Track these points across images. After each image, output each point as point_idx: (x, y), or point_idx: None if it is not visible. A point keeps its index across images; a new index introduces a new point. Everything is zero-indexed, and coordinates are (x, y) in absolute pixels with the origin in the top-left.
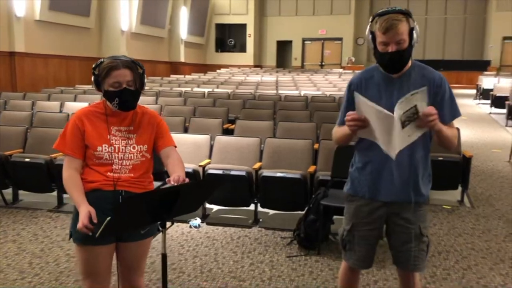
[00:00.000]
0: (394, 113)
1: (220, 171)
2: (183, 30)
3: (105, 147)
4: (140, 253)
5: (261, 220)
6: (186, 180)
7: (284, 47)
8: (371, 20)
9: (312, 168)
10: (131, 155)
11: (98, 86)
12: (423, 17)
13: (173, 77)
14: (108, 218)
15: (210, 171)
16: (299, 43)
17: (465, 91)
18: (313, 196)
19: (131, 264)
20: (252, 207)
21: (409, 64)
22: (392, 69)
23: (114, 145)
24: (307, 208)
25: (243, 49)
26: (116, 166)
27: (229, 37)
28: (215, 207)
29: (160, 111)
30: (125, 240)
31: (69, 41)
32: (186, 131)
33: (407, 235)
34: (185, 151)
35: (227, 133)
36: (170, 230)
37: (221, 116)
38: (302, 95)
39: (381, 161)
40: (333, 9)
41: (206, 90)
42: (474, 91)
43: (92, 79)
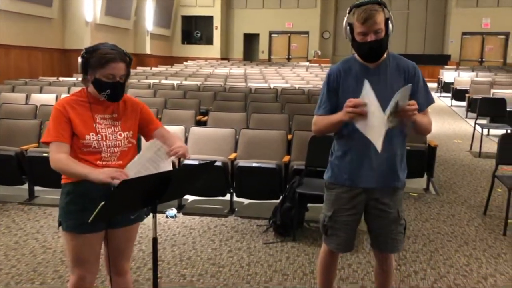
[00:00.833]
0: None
1: (196, 162)
2: (149, 21)
3: (92, 135)
4: (129, 238)
5: (236, 209)
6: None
7: (251, 40)
8: (348, 12)
9: (286, 158)
10: (119, 142)
11: (86, 71)
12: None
13: (140, 69)
14: (102, 203)
15: (186, 161)
16: (266, 36)
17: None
18: (288, 185)
19: (121, 249)
20: (228, 197)
21: (384, 55)
22: (371, 58)
23: (101, 133)
24: (282, 196)
25: (209, 41)
26: (105, 154)
27: (195, 29)
28: (191, 198)
29: None
30: (115, 226)
31: (31, 31)
32: None
33: (387, 219)
34: None
35: (200, 124)
36: (146, 221)
37: (193, 108)
38: (272, 87)
39: (360, 149)
40: (300, 2)
41: (175, 82)
42: (435, 84)
43: (81, 62)
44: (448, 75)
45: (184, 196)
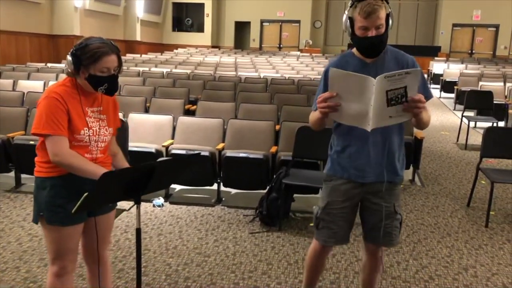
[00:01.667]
0: (376, 81)
1: (183, 151)
2: (139, 8)
3: (85, 130)
4: (109, 225)
5: (223, 199)
6: None
7: (242, 28)
8: (350, 5)
9: (274, 149)
10: (105, 137)
11: (78, 69)
12: None
13: (129, 56)
14: (85, 194)
15: (174, 151)
16: (257, 24)
17: None
18: (275, 175)
19: (101, 237)
20: (215, 186)
21: None
22: (372, 53)
23: (92, 128)
24: (269, 187)
25: (200, 29)
26: (92, 147)
27: (186, 17)
28: (178, 187)
29: (119, 90)
30: (96, 215)
31: (18, 16)
32: (147, 111)
33: (382, 214)
34: (147, 131)
35: (189, 114)
36: (133, 210)
37: (182, 96)
38: (262, 77)
39: (359, 145)
40: None
41: (165, 70)
42: (425, 76)
43: (71, 60)
44: (437, 66)
45: (170, 186)
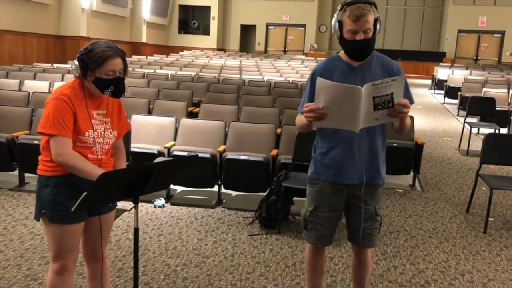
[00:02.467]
0: (363, 89)
1: (185, 153)
2: (146, 10)
3: (90, 132)
4: (109, 224)
5: (224, 200)
6: None
7: (247, 31)
8: (339, 9)
9: (274, 152)
10: (109, 139)
11: (85, 72)
12: (384, 7)
13: (135, 57)
14: (84, 194)
15: (175, 152)
16: (263, 28)
17: (421, 81)
18: (275, 178)
19: (102, 235)
20: (216, 188)
21: None
22: (359, 56)
23: (97, 130)
24: (268, 189)
25: (206, 31)
26: (96, 149)
27: (192, 19)
28: (179, 188)
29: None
30: (97, 214)
31: (26, 17)
32: (150, 113)
33: (365, 215)
34: (150, 132)
35: (192, 116)
36: (134, 210)
37: (185, 99)
38: (266, 80)
39: (344, 147)
40: None
41: (170, 72)
42: (430, 81)
43: (78, 64)
44: (442, 72)
45: (171, 187)
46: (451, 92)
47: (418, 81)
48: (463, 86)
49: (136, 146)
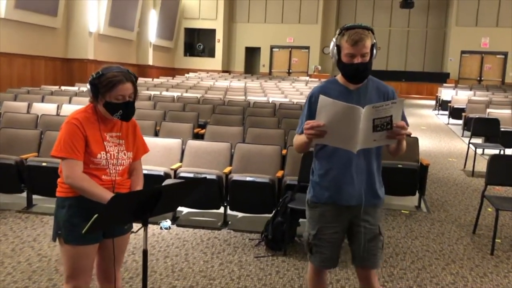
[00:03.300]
0: (364, 110)
1: (191, 175)
2: (152, 33)
3: (102, 154)
4: (123, 247)
5: (230, 222)
6: None
7: (252, 53)
8: (338, 33)
9: (280, 173)
10: (123, 161)
11: (96, 96)
12: (387, 28)
13: (141, 80)
14: (95, 216)
15: (182, 174)
16: (267, 50)
17: (425, 101)
18: (281, 199)
19: (116, 258)
20: (222, 209)
21: None
22: (356, 79)
23: (110, 152)
24: (274, 211)
25: (211, 54)
26: (110, 170)
27: (198, 42)
28: (185, 210)
29: None
30: (111, 236)
31: (34, 40)
32: (157, 135)
33: (368, 236)
34: (156, 154)
35: (197, 137)
36: (141, 232)
37: (191, 120)
38: (270, 102)
39: (342, 168)
40: (301, 18)
41: (175, 94)
42: (433, 102)
43: (90, 89)
44: (446, 93)
45: (178, 209)
46: (455, 113)
47: (422, 101)
48: (467, 107)
49: (143, 168)
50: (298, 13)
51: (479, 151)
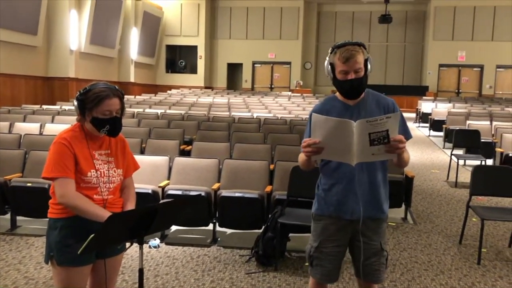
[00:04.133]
0: (357, 124)
1: (179, 192)
2: (133, 50)
3: (93, 172)
4: (116, 267)
5: (219, 239)
6: None
7: (234, 69)
8: (330, 52)
9: (268, 188)
10: (113, 178)
11: (83, 112)
12: (367, 44)
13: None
14: (91, 236)
15: (170, 191)
16: (249, 65)
17: (406, 114)
18: (270, 214)
19: (108, 278)
20: (211, 226)
21: (363, 92)
22: (352, 95)
23: (99, 170)
24: (264, 226)
25: (193, 70)
26: (101, 189)
27: (179, 58)
28: (174, 227)
29: None
30: (103, 256)
31: (14, 59)
32: (143, 153)
33: (370, 251)
34: (143, 172)
35: (184, 154)
36: (130, 251)
37: (177, 137)
38: (255, 117)
39: (346, 183)
40: (282, 34)
41: (159, 111)
42: (414, 115)
43: (77, 105)
44: (426, 106)
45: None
46: (436, 125)
47: (403, 114)
48: (448, 119)
49: None
50: (279, 29)
51: (461, 162)
